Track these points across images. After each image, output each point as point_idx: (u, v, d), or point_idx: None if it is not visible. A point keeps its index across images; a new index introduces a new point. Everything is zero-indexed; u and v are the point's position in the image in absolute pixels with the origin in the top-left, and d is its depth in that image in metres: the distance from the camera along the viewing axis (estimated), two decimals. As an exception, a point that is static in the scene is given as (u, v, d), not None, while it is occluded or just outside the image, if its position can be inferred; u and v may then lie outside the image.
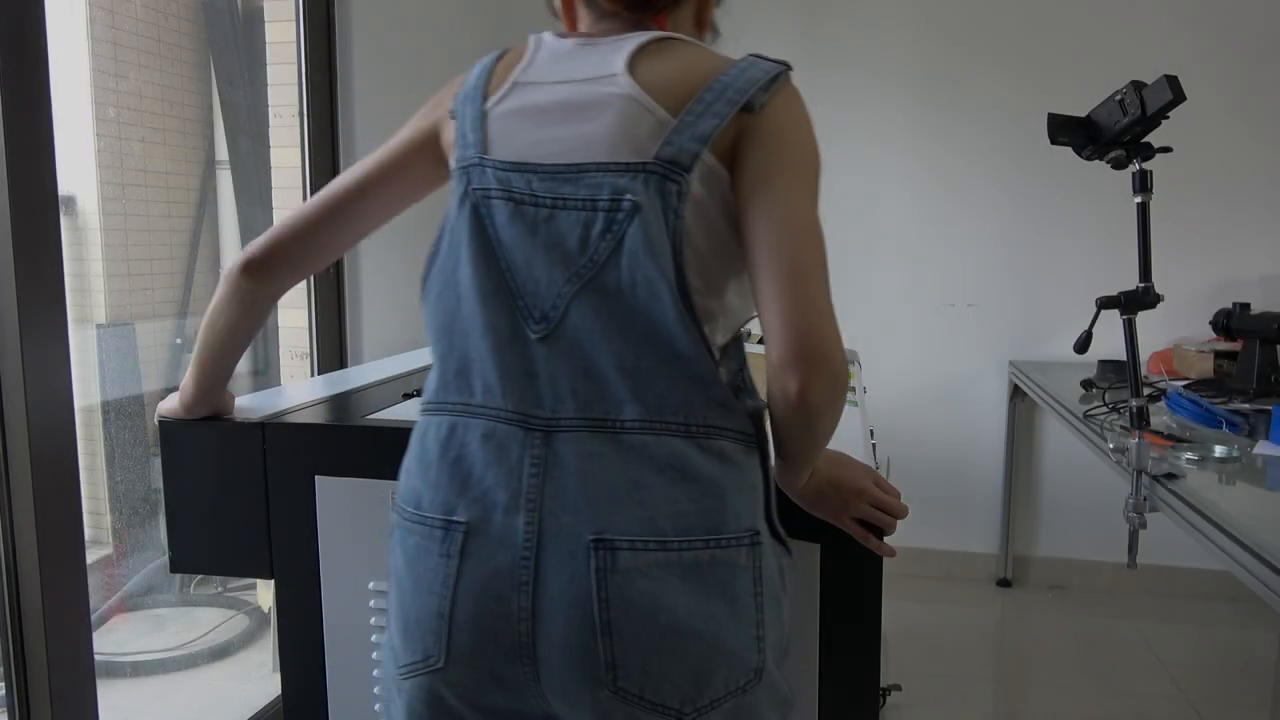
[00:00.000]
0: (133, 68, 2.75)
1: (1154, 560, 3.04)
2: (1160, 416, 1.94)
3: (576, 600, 0.76)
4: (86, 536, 1.58)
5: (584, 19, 0.95)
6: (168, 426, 1.24)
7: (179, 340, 2.98)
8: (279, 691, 2.18)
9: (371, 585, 1.21)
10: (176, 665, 2.47)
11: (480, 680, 0.81)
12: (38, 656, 1.50)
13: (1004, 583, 3.17)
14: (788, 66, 0.87)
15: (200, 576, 2.88)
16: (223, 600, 2.82)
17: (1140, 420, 1.53)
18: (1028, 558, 3.20)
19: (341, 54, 2.29)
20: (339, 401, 1.38)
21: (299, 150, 2.25)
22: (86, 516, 1.59)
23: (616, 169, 0.81)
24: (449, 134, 0.94)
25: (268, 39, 2.24)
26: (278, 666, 2.43)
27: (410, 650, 0.83)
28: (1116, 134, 1.57)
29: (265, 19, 2.23)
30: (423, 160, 0.99)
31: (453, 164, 0.90)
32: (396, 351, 2.51)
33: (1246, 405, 1.94)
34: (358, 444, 1.18)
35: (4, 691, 1.52)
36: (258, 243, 1.04)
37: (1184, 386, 2.12)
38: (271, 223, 2.29)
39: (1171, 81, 1.47)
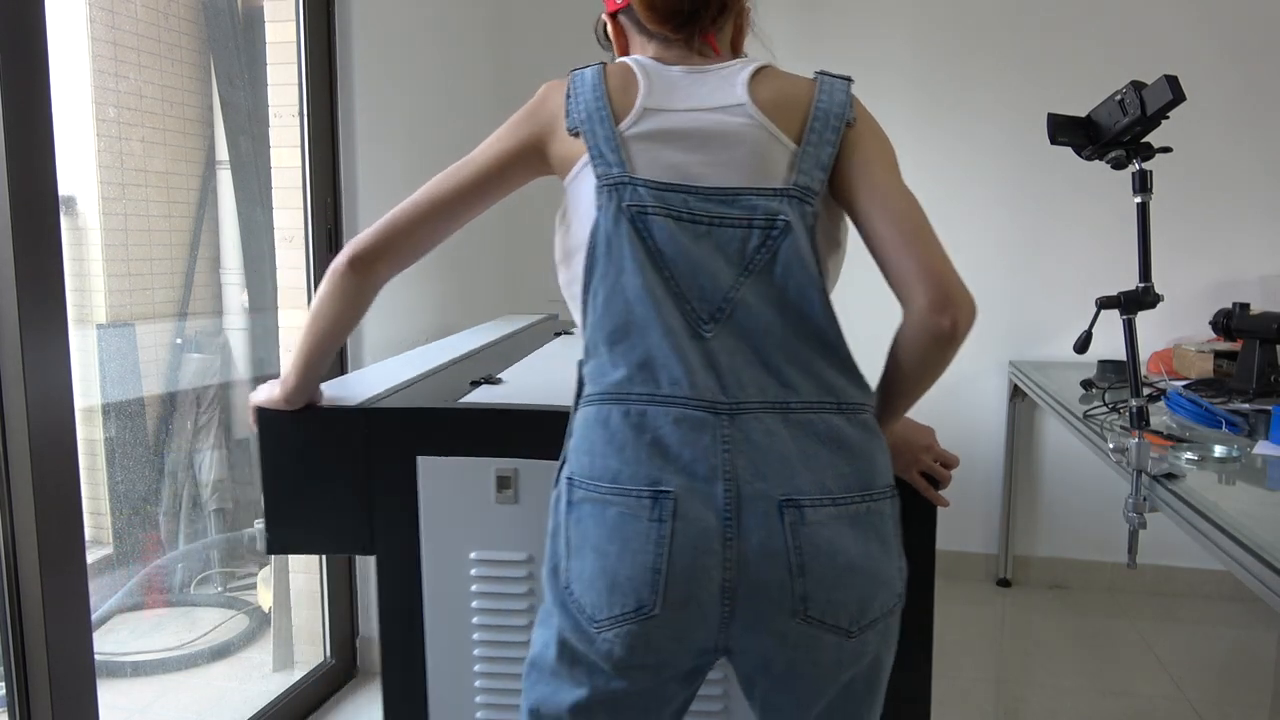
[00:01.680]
0: (133, 68, 2.75)
1: (1154, 560, 3.04)
2: (1160, 416, 1.94)
3: (775, 550, 0.92)
4: (86, 536, 1.58)
5: (638, 44, 1.11)
6: (268, 415, 1.29)
7: (179, 340, 2.98)
8: (279, 691, 2.19)
9: (474, 555, 1.30)
10: (176, 665, 2.47)
11: (689, 621, 0.94)
12: (38, 656, 1.50)
13: (1004, 583, 3.17)
14: (850, 80, 1.07)
15: (200, 576, 2.88)
16: (223, 600, 2.82)
17: (1140, 420, 1.53)
18: (1028, 558, 3.20)
19: (341, 54, 2.29)
20: (421, 387, 1.44)
21: (299, 150, 2.25)
22: (86, 516, 1.59)
23: (766, 193, 0.99)
24: (561, 147, 1.06)
25: (268, 39, 2.24)
26: (278, 666, 2.43)
27: (617, 604, 0.94)
28: (1116, 134, 1.57)
29: (265, 19, 2.23)
30: (523, 167, 1.09)
31: (588, 179, 1.01)
32: (396, 351, 2.51)
33: (1246, 405, 1.94)
34: (459, 426, 1.27)
35: (4, 691, 1.52)
36: (364, 240, 1.11)
37: (1184, 386, 2.12)
38: (271, 222, 2.29)
39: (1171, 81, 1.47)
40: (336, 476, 1.29)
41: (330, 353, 1.20)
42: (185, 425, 2.92)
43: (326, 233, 2.29)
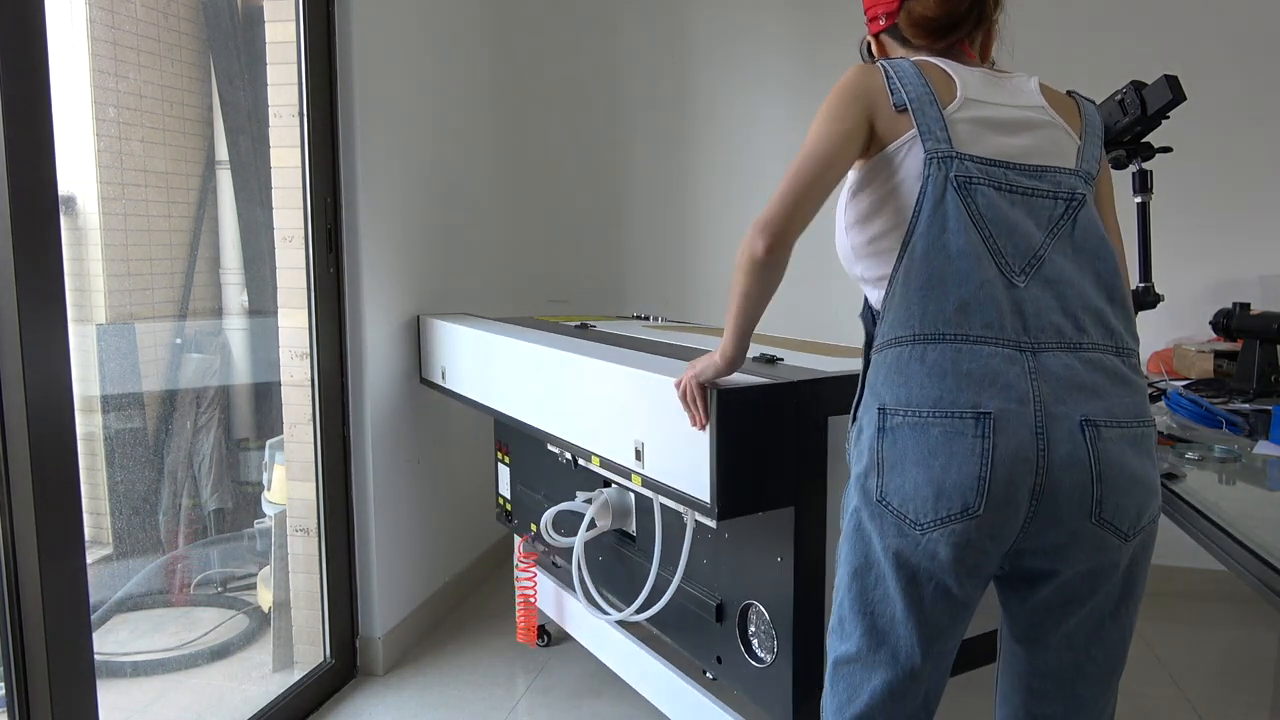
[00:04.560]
0: (133, 68, 2.75)
1: (1154, 560, 3.04)
2: (1160, 416, 1.93)
3: (1079, 459, 1.10)
4: (86, 536, 1.58)
5: (897, 50, 1.33)
6: (728, 395, 1.43)
7: (179, 340, 2.98)
8: (279, 691, 2.19)
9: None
10: (176, 665, 2.47)
11: (1005, 518, 1.10)
12: (38, 656, 1.50)
13: (1004, 583, 3.17)
14: (1094, 104, 1.31)
15: (200, 577, 2.89)
16: (223, 600, 2.82)
17: (1140, 420, 1.52)
18: (1028, 558, 3.19)
19: (341, 54, 2.29)
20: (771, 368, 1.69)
21: (299, 150, 2.25)
22: (86, 516, 1.59)
23: (1066, 172, 1.20)
24: (886, 122, 1.22)
25: (268, 39, 2.23)
26: (278, 666, 2.43)
27: (945, 507, 1.11)
28: (1117, 134, 1.57)
29: (265, 19, 2.23)
30: (859, 140, 1.23)
31: (914, 151, 1.18)
32: (395, 349, 2.51)
33: (1246, 405, 1.94)
34: (854, 388, 1.48)
35: (4, 691, 1.52)
36: (775, 225, 1.21)
37: (1184, 386, 2.12)
38: (271, 222, 2.29)
39: (1171, 81, 1.47)
40: (772, 442, 1.49)
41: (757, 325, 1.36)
42: (185, 425, 2.92)
43: (326, 232, 2.29)
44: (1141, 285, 1.59)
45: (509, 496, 2.51)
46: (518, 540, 2.56)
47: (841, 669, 1.23)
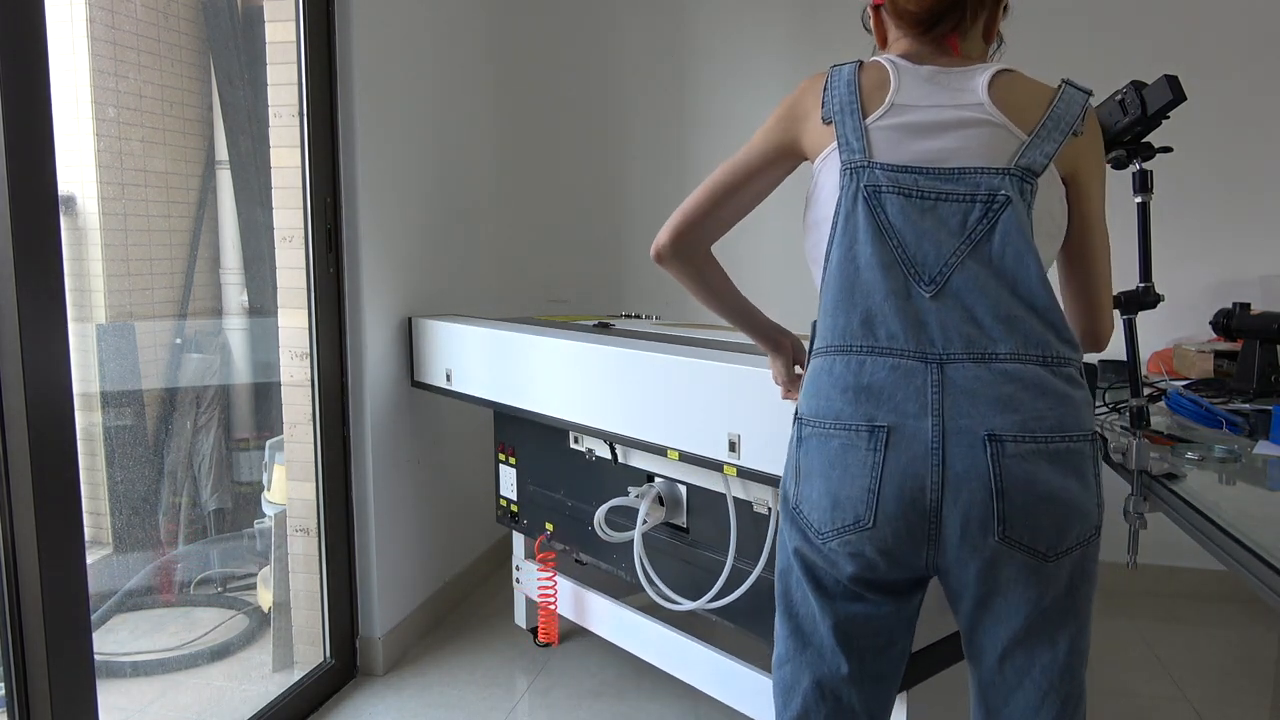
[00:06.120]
0: (133, 68, 2.75)
1: (1154, 560, 3.04)
2: (1160, 416, 1.93)
3: (979, 475, 1.07)
4: (86, 536, 1.58)
5: (894, 35, 1.27)
6: None
7: (179, 340, 2.98)
8: (279, 691, 2.19)
9: None
10: (176, 665, 2.47)
11: (897, 534, 1.10)
12: (38, 656, 1.50)
13: (1004, 583, 3.17)
14: (1090, 94, 1.21)
15: (199, 577, 2.89)
16: (223, 600, 2.82)
17: (1140, 420, 1.53)
18: (1028, 558, 3.19)
19: (341, 54, 2.29)
20: None
21: (299, 150, 2.25)
22: (86, 516, 1.59)
23: (989, 172, 1.13)
24: (814, 135, 1.22)
25: (268, 39, 2.23)
26: (278, 666, 2.43)
27: (840, 518, 1.12)
28: (1117, 134, 1.57)
29: (265, 19, 2.23)
30: (783, 161, 1.27)
31: (834, 163, 1.18)
32: (395, 349, 2.51)
33: (1246, 405, 1.93)
34: None
35: (4, 691, 1.52)
36: (660, 238, 1.30)
37: (1184, 386, 2.12)
38: (271, 222, 2.29)
39: (1171, 81, 1.47)
40: None
41: (734, 301, 1.38)
42: (185, 425, 2.92)
43: (326, 232, 2.29)
44: (1141, 285, 1.58)
45: (514, 498, 2.50)
46: (522, 541, 2.56)
47: (778, 671, 1.26)
